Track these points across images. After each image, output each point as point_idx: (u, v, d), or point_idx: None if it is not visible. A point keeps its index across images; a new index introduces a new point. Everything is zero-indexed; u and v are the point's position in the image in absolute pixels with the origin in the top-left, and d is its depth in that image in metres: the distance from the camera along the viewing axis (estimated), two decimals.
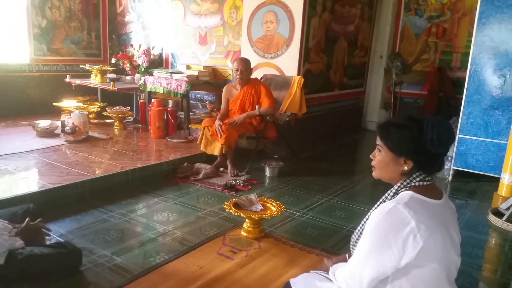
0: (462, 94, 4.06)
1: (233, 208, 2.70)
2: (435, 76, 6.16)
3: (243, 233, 2.71)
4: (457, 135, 4.11)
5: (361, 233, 1.48)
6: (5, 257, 2.01)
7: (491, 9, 3.76)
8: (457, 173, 4.22)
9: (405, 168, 1.44)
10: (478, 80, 3.92)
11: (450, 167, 4.25)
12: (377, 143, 1.50)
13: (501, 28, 3.74)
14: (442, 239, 1.35)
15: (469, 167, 4.11)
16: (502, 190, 3.43)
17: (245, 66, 4.11)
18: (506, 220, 3.08)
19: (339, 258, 1.77)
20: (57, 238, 2.57)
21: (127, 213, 3.04)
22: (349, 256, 1.61)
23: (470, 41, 3.94)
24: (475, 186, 4.09)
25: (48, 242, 2.35)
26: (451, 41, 6.21)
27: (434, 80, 6.17)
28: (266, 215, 2.67)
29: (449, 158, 4.31)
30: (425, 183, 1.43)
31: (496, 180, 3.59)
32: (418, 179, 1.43)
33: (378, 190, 3.83)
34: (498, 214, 3.22)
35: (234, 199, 2.85)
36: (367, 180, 4.16)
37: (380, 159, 1.49)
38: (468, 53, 3.97)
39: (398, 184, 1.46)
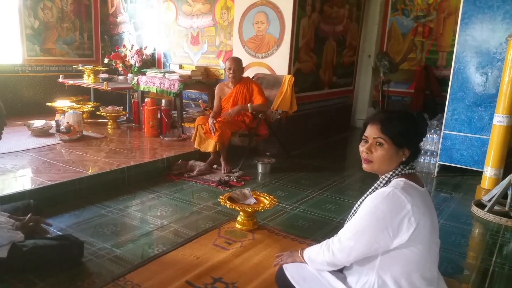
0: (447, 92, 4.21)
1: (227, 202, 2.81)
2: (422, 75, 6.33)
3: (238, 226, 2.82)
4: (442, 131, 4.26)
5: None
6: (8, 250, 2.09)
7: (473, 10, 3.92)
8: (442, 168, 4.38)
9: (404, 159, 1.55)
10: (462, 78, 4.07)
11: (435, 162, 4.41)
12: (377, 136, 1.53)
13: (482, 28, 3.91)
14: (429, 222, 1.48)
15: (454, 162, 4.26)
16: (485, 183, 3.59)
17: (237, 65, 4.21)
18: (487, 211, 3.24)
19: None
20: (58, 232, 2.65)
21: (124, 208, 3.13)
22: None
23: (455, 40, 4.09)
24: (460, 180, 4.25)
25: (50, 235, 2.44)
26: (437, 40, 6.38)
27: (421, 78, 6.33)
28: (260, 207, 2.78)
29: (435, 153, 4.47)
30: (412, 171, 1.56)
31: (480, 174, 3.74)
32: (407, 167, 1.55)
33: (366, 184, 3.95)
34: (481, 205, 3.37)
35: (228, 193, 2.96)
36: (356, 175, 4.30)
37: (383, 153, 1.53)
38: (453, 52, 4.12)
39: (390, 173, 1.56)
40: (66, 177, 3.32)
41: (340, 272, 1.69)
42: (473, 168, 4.15)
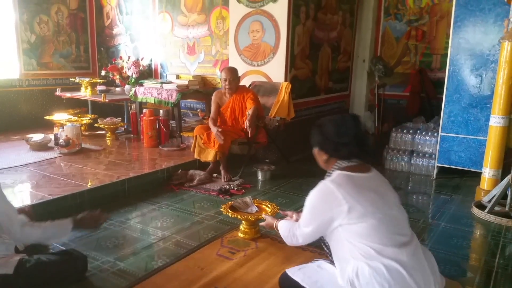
0: (443, 94, 4.25)
1: (229, 211, 2.82)
2: (416, 78, 6.34)
3: (240, 235, 2.82)
4: (440, 133, 4.30)
5: None
6: (15, 266, 2.09)
7: (465, 13, 3.97)
8: (441, 170, 4.40)
9: (324, 157, 1.87)
10: (457, 80, 4.11)
11: (434, 164, 4.43)
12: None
13: (475, 31, 3.95)
14: (369, 200, 1.70)
15: (452, 164, 4.29)
16: (484, 184, 3.62)
17: (233, 75, 4.22)
18: (488, 212, 3.26)
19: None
20: (60, 247, 2.65)
21: (126, 221, 3.13)
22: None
23: (448, 43, 4.14)
24: (459, 182, 4.27)
25: (51, 250, 2.44)
26: (430, 43, 6.42)
27: (416, 81, 6.35)
28: (262, 216, 2.79)
29: (433, 156, 4.49)
30: (352, 163, 1.80)
31: (479, 175, 3.77)
32: (344, 163, 1.81)
33: None
34: (481, 206, 3.40)
35: (230, 202, 2.97)
36: None
37: (316, 157, 1.94)
38: (447, 55, 4.16)
39: (331, 168, 1.85)
40: (67, 191, 3.32)
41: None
42: (471, 169, 4.17)
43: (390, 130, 5.10)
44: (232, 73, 4.24)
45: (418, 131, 4.75)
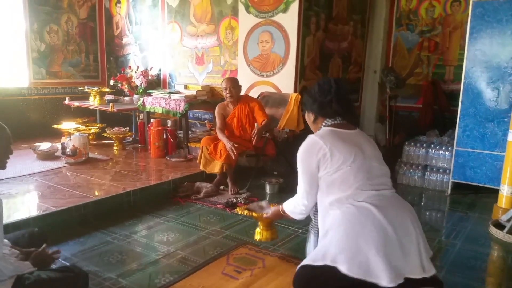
0: (456, 106, 4.13)
1: (245, 211, 2.63)
2: (429, 89, 6.22)
3: (257, 237, 2.57)
4: (454, 148, 4.17)
5: None
6: (12, 283, 2.01)
7: (481, 24, 3.87)
8: (455, 186, 4.26)
9: (312, 118, 2.06)
10: (473, 93, 4.00)
11: (448, 179, 4.29)
12: None
13: (492, 43, 3.84)
14: (349, 150, 1.84)
15: (468, 179, 4.15)
16: (502, 202, 3.47)
17: (233, 84, 4.16)
18: (507, 232, 3.11)
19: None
20: (62, 261, 2.57)
21: (130, 234, 3.05)
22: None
23: (462, 54, 4.03)
24: (474, 198, 4.13)
25: (53, 266, 2.36)
26: (443, 54, 6.31)
27: (428, 93, 6.23)
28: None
29: (447, 171, 4.35)
30: (337, 122, 1.97)
31: (495, 192, 3.63)
32: (330, 121, 1.98)
33: None
34: (499, 226, 3.24)
35: (246, 205, 2.81)
36: None
37: (306, 119, 2.13)
38: (460, 66, 4.06)
39: (319, 128, 2.01)
40: (71, 203, 3.26)
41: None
42: (487, 186, 4.03)
43: (402, 143, 4.98)
44: (232, 81, 4.19)
45: (432, 145, 4.61)
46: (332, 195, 1.82)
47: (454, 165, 4.18)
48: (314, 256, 1.77)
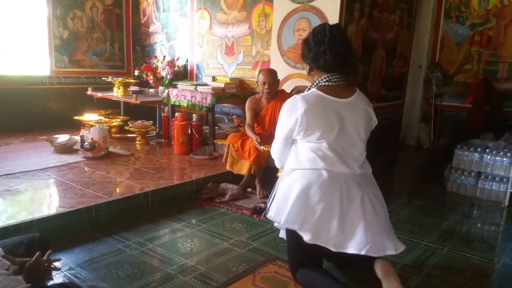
0: (510, 107, 3.57)
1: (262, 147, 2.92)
2: (480, 88, 5.67)
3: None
4: None
5: None
6: None
7: None
8: None
9: (307, 69, 2.06)
10: None
11: (506, 189, 3.76)
12: None
13: None
14: (326, 117, 1.92)
15: None
16: None
17: (273, 78, 3.77)
18: None
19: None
20: (65, 272, 2.24)
21: (145, 242, 2.69)
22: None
23: None
24: None
25: (51, 282, 2.02)
26: (497, 50, 5.72)
27: (479, 92, 5.67)
28: None
29: (505, 180, 3.82)
30: (331, 83, 1.96)
31: None
32: (324, 80, 1.97)
33: (429, 217, 3.37)
34: None
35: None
36: (415, 203, 3.69)
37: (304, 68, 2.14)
38: None
39: (311, 84, 2.04)
40: (82, 203, 2.93)
41: None
42: None
43: (447, 145, 4.47)
44: (273, 75, 3.79)
45: (487, 150, 4.07)
46: (301, 164, 2.00)
47: None
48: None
